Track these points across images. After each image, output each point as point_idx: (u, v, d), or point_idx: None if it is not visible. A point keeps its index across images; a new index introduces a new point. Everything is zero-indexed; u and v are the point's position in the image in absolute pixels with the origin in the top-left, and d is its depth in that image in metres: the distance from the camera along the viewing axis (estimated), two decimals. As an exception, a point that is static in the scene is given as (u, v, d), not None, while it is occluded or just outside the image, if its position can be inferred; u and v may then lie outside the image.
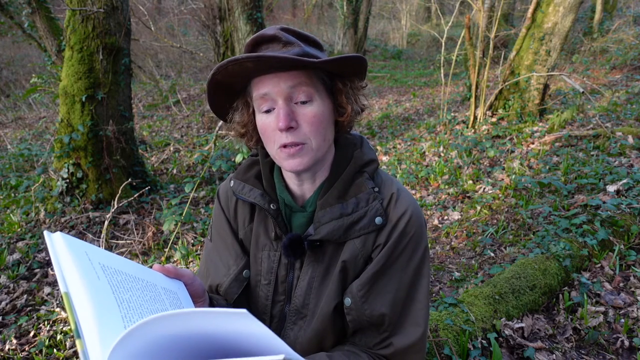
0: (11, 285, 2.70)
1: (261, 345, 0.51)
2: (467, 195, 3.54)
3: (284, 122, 0.80)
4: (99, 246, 2.83)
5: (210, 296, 0.94)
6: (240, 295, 0.98)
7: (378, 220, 0.88)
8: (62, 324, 2.27)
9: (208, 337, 0.55)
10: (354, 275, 0.91)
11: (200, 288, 0.86)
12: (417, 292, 0.90)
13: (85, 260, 0.60)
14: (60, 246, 0.59)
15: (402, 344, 0.88)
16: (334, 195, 0.90)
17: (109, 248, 3.08)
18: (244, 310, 0.47)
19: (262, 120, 0.86)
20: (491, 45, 5.14)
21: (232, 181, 1.02)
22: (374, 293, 0.88)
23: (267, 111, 0.84)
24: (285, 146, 0.83)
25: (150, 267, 0.78)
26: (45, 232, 0.61)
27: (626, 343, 1.75)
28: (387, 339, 0.89)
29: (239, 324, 0.50)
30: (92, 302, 0.55)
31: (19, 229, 3.40)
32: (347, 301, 0.88)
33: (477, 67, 5.06)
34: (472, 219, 3.07)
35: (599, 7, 9.98)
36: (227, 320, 0.50)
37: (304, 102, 0.82)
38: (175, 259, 2.82)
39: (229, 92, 0.89)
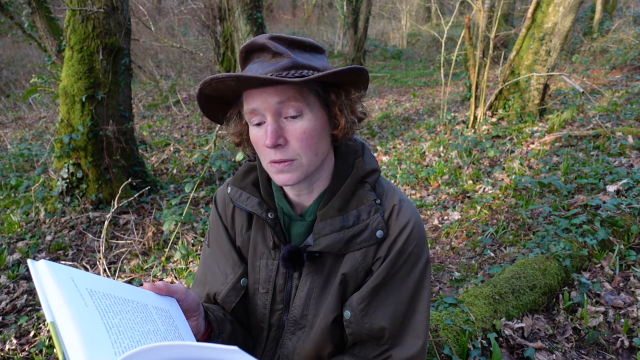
0: (11, 285, 2.70)
1: None
2: (467, 195, 3.54)
3: (271, 140, 0.78)
4: (99, 246, 2.84)
5: (205, 307, 0.92)
6: (238, 303, 0.97)
7: (379, 233, 0.86)
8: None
9: None
10: (354, 287, 0.90)
11: (194, 302, 0.84)
12: (418, 305, 0.89)
13: (72, 287, 0.59)
14: (44, 274, 0.58)
15: (402, 356, 0.87)
16: (335, 206, 0.88)
17: (109, 248, 3.08)
18: (235, 347, 0.48)
19: (253, 133, 0.84)
20: (491, 45, 5.14)
21: (229, 187, 1.00)
22: (374, 306, 0.87)
23: (258, 124, 0.82)
24: (274, 162, 0.82)
25: (140, 284, 0.77)
26: (29, 261, 0.59)
27: (626, 343, 1.75)
28: (386, 351, 0.88)
29: (231, 359, 0.50)
30: (79, 330, 0.54)
31: (19, 229, 3.40)
32: (347, 314, 0.87)
33: (477, 67, 5.06)
34: (472, 219, 3.07)
35: (599, 7, 9.98)
36: (219, 355, 0.51)
37: (293, 117, 0.79)
38: (175, 259, 2.82)
39: (222, 102, 0.88)
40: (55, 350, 2.05)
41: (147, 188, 3.35)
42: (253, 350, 1.01)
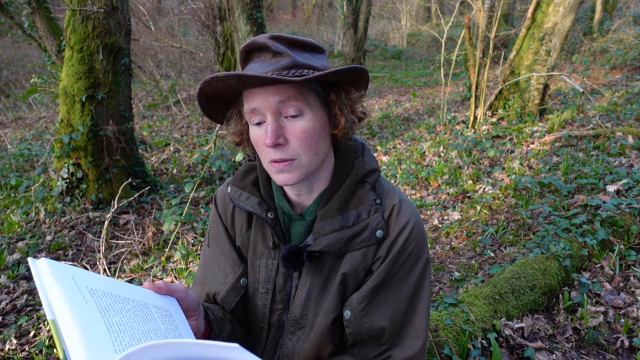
0: (11, 285, 2.70)
1: None
2: (467, 195, 3.54)
3: (271, 139, 0.78)
4: (99, 246, 2.84)
5: (205, 306, 0.92)
6: (238, 303, 0.97)
7: (379, 233, 0.86)
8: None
9: None
10: (354, 287, 0.90)
11: (194, 302, 0.84)
12: (418, 305, 0.89)
13: (72, 285, 0.59)
14: (45, 273, 0.58)
15: (402, 356, 0.87)
16: (335, 206, 0.88)
17: (109, 248, 3.08)
18: (236, 345, 0.48)
19: (253, 132, 0.84)
20: (491, 45, 5.14)
21: (229, 187, 1.00)
22: (374, 306, 0.87)
23: (258, 124, 0.82)
24: (275, 161, 0.82)
25: (140, 284, 0.77)
26: (30, 259, 0.59)
27: (626, 343, 1.75)
28: (386, 351, 0.88)
29: (233, 356, 0.50)
30: (80, 328, 0.54)
31: (19, 229, 3.40)
32: (347, 314, 0.88)
33: (477, 67, 5.06)
34: (472, 219, 3.07)
35: (599, 7, 9.98)
36: (220, 352, 0.51)
37: (294, 117, 0.79)
38: (175, 259, 2.82)
39: (222, 102, 0.88)
40: (55, 349, 2.05)
41: (147, 188, 3.35)
42: (253, 349, 1.01)
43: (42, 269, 0.59)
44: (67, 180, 3.62)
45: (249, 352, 0.48)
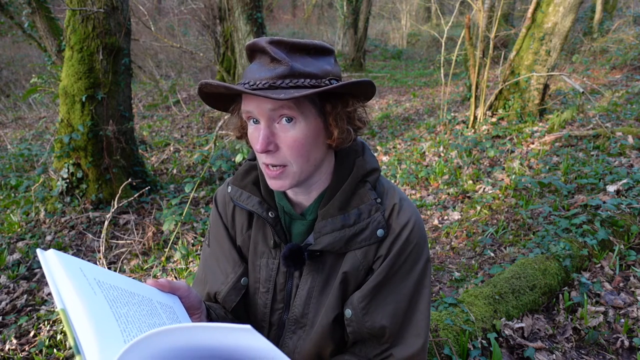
0: (11, 285, 2.70)
1: (265, 359, 0.52)
2: (467, 195, 3.54)
3: (261, 146, 0.78)
4: (99, 246, 2.84)
5: (207, 305, 0.92)
6: (239, 302, 0.97)
7: (380, 232, 0.87)
8: (62, 324, 2.27)
9: (212, 351, 0.55)
10: (354, 286, 0.90)
11: (196, 300, 0.85)
12: (419, 303, 0.90)
13: (80, 276, 0.60)
14: (54, 263, 0.59)
15: (403, 354, 0.87)
16: (336, 205, 0.88)
17: (109, 248, 3.08)
18: (248, 326, 0.48)
19: (249, 132, 0.85)
20: (491, 45, 5.13)
21: (229, 187, 1.00)
22: (374, 305, 0.87)
23: (255, 124, 0.83)
24: (266, 165, 0.83)
25: (138, 277, 0.78)
26: (38, 250, 0.60)
27: (626, 343, 1.75)
28: (387, 349, 0.89)
29: (244, 339, 0.50)
30: (90, 316, 0.55)
31: (19, 229, 3.40)
32: (348, 313, 0.88)
33: (477, 67, 5.06)
34: (472, 219, 3.07)
35: (599, 7, 9.98)
36: (231, 335, 0.51)
37: (286, 124, 0.79)
38: (175, 259, 2.82)
39: (224, 99, 0.89)
40: (65, 336, 2.05)
41: (147, 188, 3.35)
42: None
43: (51, 260, 0.59)
44: (67, 180, 3.62)
45: (260, 335, 0.48)
